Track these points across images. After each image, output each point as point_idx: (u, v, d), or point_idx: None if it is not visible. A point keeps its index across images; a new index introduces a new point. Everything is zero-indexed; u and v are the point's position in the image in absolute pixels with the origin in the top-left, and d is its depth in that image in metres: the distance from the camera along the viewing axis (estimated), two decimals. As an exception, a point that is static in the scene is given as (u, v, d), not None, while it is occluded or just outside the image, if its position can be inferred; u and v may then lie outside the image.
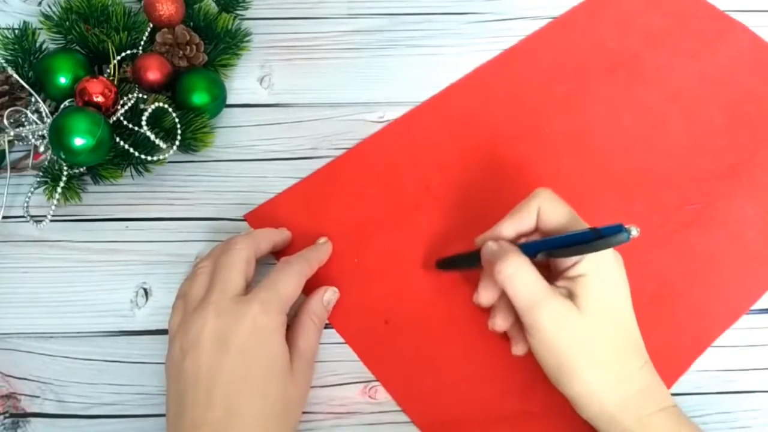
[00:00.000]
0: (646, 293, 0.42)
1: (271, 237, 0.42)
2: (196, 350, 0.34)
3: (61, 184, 0.44)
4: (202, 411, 0.33)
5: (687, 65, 0.53)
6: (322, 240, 0.44)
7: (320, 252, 0.42)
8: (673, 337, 0.41)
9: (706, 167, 0.48)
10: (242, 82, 0.52)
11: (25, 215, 0.45)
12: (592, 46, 0.54)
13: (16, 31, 0.48)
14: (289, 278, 0.38)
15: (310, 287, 0.41)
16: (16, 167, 0.47)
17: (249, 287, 0.38)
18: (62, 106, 0.46)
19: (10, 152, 0.46)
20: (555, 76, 0.52)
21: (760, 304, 0.43)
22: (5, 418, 0.39)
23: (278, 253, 0.44)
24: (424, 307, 0.42)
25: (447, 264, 0.42)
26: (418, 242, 0.44)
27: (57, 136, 0.42)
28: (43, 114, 0.45)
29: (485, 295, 0.38)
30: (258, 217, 0.46)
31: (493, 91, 0.51)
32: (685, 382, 0.40)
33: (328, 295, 0.41)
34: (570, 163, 0.48)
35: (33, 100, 0.47)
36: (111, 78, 0.47)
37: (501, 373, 0.40)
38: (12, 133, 0.45)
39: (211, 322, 0.35)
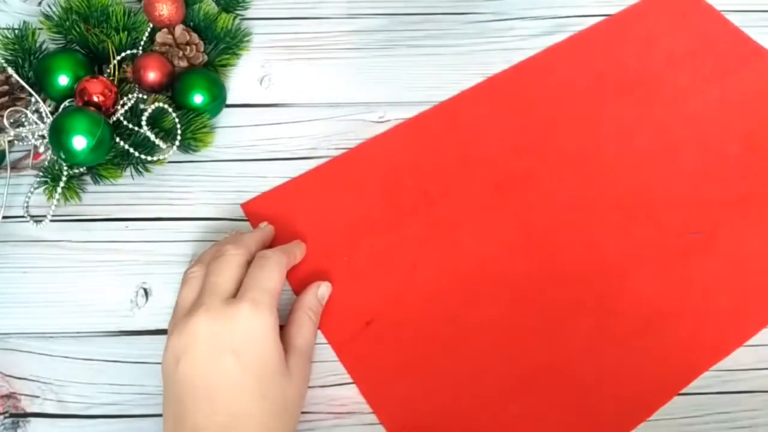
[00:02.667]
0: (637, 317, 0.41)
1: (260, 237, 0.42)
2: (189, 355, 0.34)
3: (61, 184, 0.44)
4: (203, 416, 0.33)
5: (708, 89, 0.51)
6: (297, 241, 0.43)
7: (294, 246, 0.42)
8: (658, 367, 0.40)
9: (714, 195, 0.46)
10: (242, 82, 0.52)
11: (25, 215, 0.45)
12: (611, 63, 0.53)
13: (16, 31, 0.48)
14: (271, 271, 0.38)
15: (301, 283, 0.41)
16: (16, 167, 0.47)
17: None
18: (62, 106, 0.46)
19: (10, 152, 0.46)
20: (570, 91, 0.51)
21: (760, 304, 0.43)
22: (5, 418, 0.39)
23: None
24: (407, 312, 0.42)
25: None
26: (409, 247, 0.44)
27: (57, 136, 0.42)
28: (43, 114, 0.45)
29: None
30: (255, 208, 0.46)
31: (504, 102, 0.51)
32: (685, 382, 0.40)
33: (322, 289, 0.41)
34: (574, 179, 0.47)
35: (33, 100, 0.47)
36: (111, 78, 0.47)
37: (475, 385, 0.39)
38: (12, 133, 0.45)
39: (203, 326, 0.35)
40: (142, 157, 0.45)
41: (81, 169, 0.45)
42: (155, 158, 0.46)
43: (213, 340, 0.34)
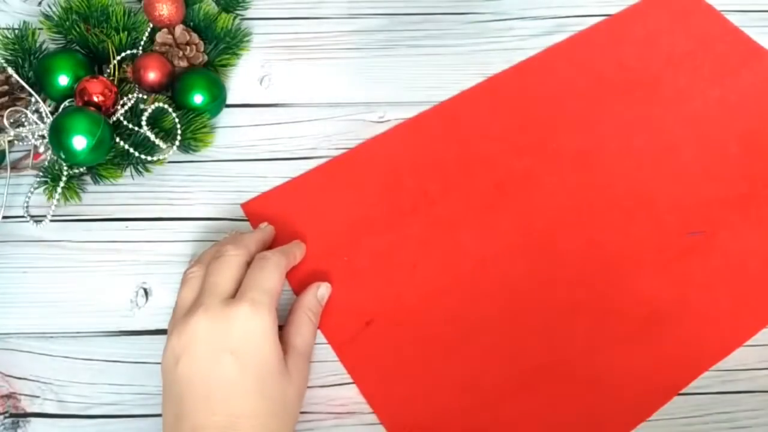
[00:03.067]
0: (637, 317, 0.41)
1: (260, 238, 0.42)
2: (188, 355, 0.34)
3: (61, 184, 0.44)
4: (203, 416, 0.33)
5: (708, 89, 0.51)
6: (297, 241, 0.43)
7: (293, 246, 0.42)
8: (659, 366, 0.40)
9: (714, 195, 0.46)
10: (242, 82, 0.52)
11: (25, 215, 0.45)
12: (611, 63, 0.53)
13: (16, 31, 0.48)
14: (271, 272, 0.38)
15: (301, 283, 0.41)
16: (16, 167, 0.47)
17: None
18: (62, 106, 0.46)
19: (10, 152, 0.46)
20: (570, 91, 0.51)
21: (760, 304, 0.43)
22: (5, 418, 0.39)
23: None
24: (407, 312, 0.42)
25: None
26: (409, 246, 0.44)
27: (57, 136, 0.42)
28: (43, 114, 0.45)
29: None
30: (255, 208, 0.46)
31: (504, 101, 0.51)
32: (686, 382, 0.40)
33: (322, 290, 0.41)
34: (574, 179, 0.47)
35: (33, 100, 0.47)
36: (111, 78, 0.47)
37: (475, 385, 0.39)
38: (12, 133, 0.45)
39: (202, 326, 0.35)
40: (142, 157, 0.45)
41: (81, 169, 0.45)
42: (155, 158, 0.46)
43: (212, 341, 0.34)
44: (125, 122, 0.45)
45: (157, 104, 0.46)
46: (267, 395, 0.34)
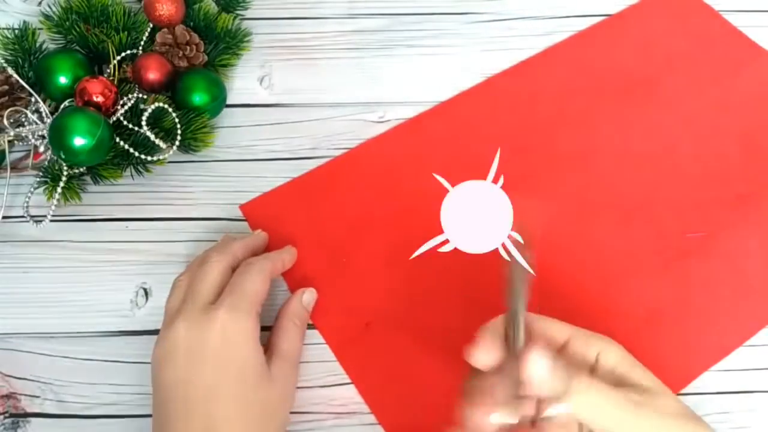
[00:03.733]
0: (637, 318, 0.41)
1: (248, 244, 0.41)
2: (170, 362, 0.35)
3: (61, 184, 0.44)
4: (183, 422, 0.33)
5: (706, 90, 0.51)
6: (288, 246, 0.43)
7: (283, 252, 0.42)
8: (659, 366, 0.40)
9: (713, 196, 0.46)
10: (242, 82, 0.52)
11: (25, 215, 0.45)
12: (610, 64, 0.53)
13: (16, 31, 0.48)
14: (252, 277, 0.38)
15: (299, 284, 0.42)
16: (16, 167, 0.47)
17: None
18: (62, 106, 0.46)
19: (10, 152, 0.46)
20: (569, 92, 0.51)
21: (760, 304, 0.43)
22: (5, 418, 0.39)
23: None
24: (406, 313, 0.42)
25: None
26: (408, 247, 0.44)
27: (57, 136, 0.42)
28: (43, 114, 0.45)
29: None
30: (254, 209, 0.46)
31: (503, 102, 0.51)
32: (685, 382, 0.40)
33: (306, 296, 0.41)
34: (573, 179, 0.47)
35: (33, 100, 0.47)
36: (111, 78, 0.47)
37: None
38: (12, 133, 0.45)
39: (183, 333, 0.35)
40: (142, 157, 0.45)
41: (81, 169, 0.45)
42: (155, 158, 0.46)
43: (191, 348, 0.35)
44: (125, 122, 0.45)
45: (157, 104, 0.46)
46: (247, 400, 0.34)
